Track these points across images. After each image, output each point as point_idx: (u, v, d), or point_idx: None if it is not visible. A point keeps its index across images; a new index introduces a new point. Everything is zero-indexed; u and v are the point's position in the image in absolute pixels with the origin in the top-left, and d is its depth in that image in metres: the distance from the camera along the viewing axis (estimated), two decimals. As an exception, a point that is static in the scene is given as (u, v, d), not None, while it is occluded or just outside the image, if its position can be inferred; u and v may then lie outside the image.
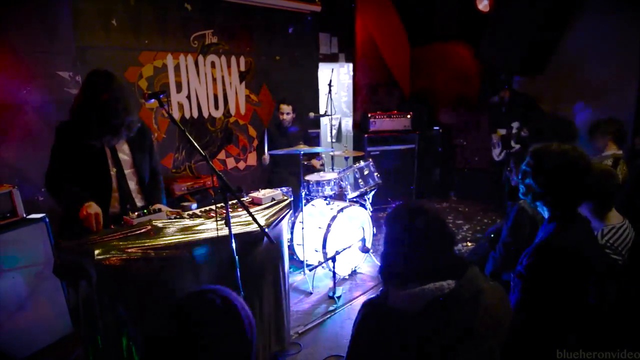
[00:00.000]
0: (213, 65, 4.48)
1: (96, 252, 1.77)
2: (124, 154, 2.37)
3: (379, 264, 4.16)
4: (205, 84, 4.45)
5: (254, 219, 1.99)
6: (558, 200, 1.71)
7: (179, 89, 4.26)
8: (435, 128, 6.33)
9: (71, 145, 2.21)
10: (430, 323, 1.26)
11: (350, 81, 6.21)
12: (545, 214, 1.79)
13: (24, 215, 2.71)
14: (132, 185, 2.42)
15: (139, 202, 2.44)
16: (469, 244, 4.37)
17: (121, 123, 2.24)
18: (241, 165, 4.94)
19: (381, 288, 1.46)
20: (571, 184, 1.66)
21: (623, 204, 2.29)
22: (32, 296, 2.66)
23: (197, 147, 1.97)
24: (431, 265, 1.33)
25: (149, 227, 2.02)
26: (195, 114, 4.43)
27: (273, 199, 2.61)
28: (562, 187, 1.68)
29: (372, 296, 1.45)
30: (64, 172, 2.23)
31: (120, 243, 1.87)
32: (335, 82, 5.94)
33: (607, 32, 4.63)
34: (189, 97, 4.35)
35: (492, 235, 2.91)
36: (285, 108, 4.39)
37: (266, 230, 2.14)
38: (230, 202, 2.01)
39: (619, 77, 4.60)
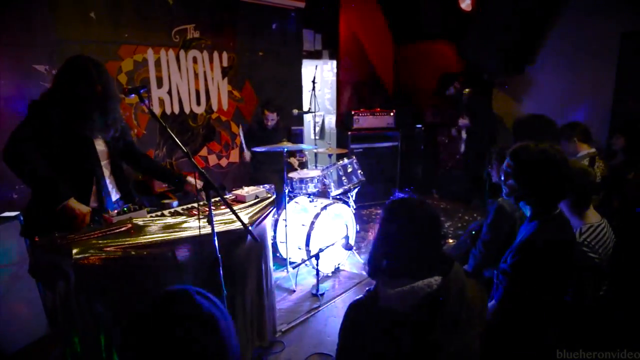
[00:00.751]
0: (195, 60, 4.41)
1: (74, 251, 1.72)
2: (100, 145, 2.27)
3: (362, 261, 4.17)
4: (186, 80, 4.38)
5: (238, 217, 1.97)
6: (540, 199, 1.74)
7: (159, 84, 4.18)
8: (417, 126, 6.38)
9: (48, 130, 2.06)
10: (421, 319, 1.28)
11: (334, 78, 6.20)
12: (527, 213, 1.82)
13: (-2, 213, 2.63)
14: (107, 177, 2.32)
15: (114, 196, 2.36)
16: (451, 241, 4.42)
17: (115, 116, 2.20)
18: (223, 162, 4.89)
19: (367, 288, 1.46)
20: (551, 182, 1.69)
21: (601, 203, 2.34)
22: (6, 296, 2.58)
23: (179, 143, 1.93)
24: (422, 262, 1.35)
25: (130, 225, 1.97)
26: (177, 110, 4.36)
27: (257, 197, 2.58)
28: (543, 185, 1.70)
29: (358, 297, 1.44)
30: (34, 151, 1.99)
31: (100, 242, 1.82)
32: (319, 79, 5.92)
33: (586, 34, 4.73)
34: (170, 92, 4.27)
35: (474, 232, 2.95)
36: (270, 115, 4.34)
37: (250, 228, 2.12)
38: (213, 200, 1.99)
39: (597, 77, 4.70)
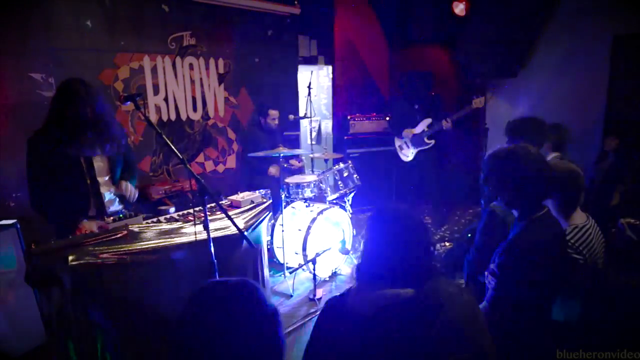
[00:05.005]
0: (191, 67, 4.43)
1: (70, 258, 1.73)
2: (99, 161, 2.33)
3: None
4: (183, 86, 4.40)
5: (233, 223, 1.98)
6: (516, 201, 1.76)
7: (156, 91, 4.20)
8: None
9: (46, 156, 2.15)
10: (380, 328, 1.24)
11: (330, 83, 6.23)
12: (515, 214, 1.85)
13: (-6, 221, 2.63)
14: (108, 192, 2.38)
15: (115, 207, 2.41)
16: (447, 244, 4.44)
17: (107, 135, 2.23)
18: (220, 168, 4.90)
19: (349, 286, 1.44)
20: (521, 183, 1.71)
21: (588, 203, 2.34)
22: (3, 304, 2.58)
23: (175, 149, 1.95)
24: (399, 271, 1.31)
25: (125, 232, 1.99)
26: (173, 117, 4.37)
27: (252, 202, 2.60)
28: (514, 187, 1.72)
29: (336, 294, 1.43)
30: (45, 184, 2.17)
31: (95, 248, 1.83)
32: (315, 84, 5.96)
33: (578, 37, 4.78)
34: (166, 99, 4.29)
35: (469, 235, 2.96)
36: (274, 113, 4.46)
37: (245, 233, 2.13)
38: (208, 206, 2.00)
39: (590, 80, 4.75)
